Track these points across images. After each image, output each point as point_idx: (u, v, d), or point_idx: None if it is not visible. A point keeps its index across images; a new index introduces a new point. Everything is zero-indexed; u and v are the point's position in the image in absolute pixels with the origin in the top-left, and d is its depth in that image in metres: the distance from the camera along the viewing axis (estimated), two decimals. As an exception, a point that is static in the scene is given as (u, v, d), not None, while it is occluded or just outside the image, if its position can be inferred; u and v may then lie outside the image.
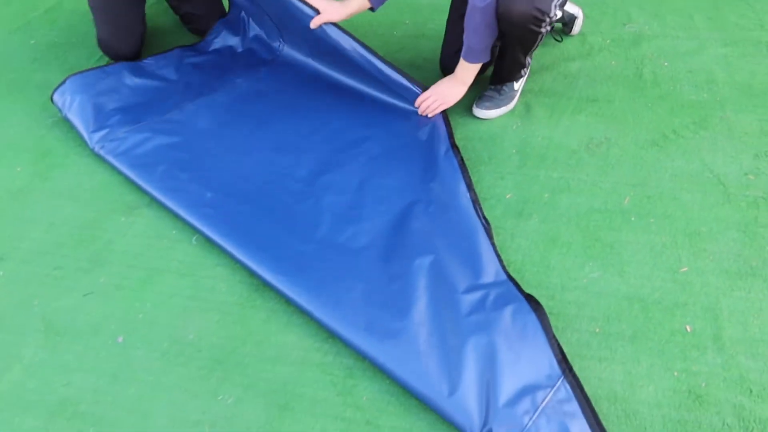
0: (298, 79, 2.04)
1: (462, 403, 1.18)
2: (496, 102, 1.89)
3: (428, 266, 1.42)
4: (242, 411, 1.27)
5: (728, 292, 1.41)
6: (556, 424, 1.14)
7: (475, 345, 1.26)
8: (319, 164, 1.72)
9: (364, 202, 1.60)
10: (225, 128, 1.85)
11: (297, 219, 1.57)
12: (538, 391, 1.19)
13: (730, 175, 1.68)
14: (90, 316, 1.46)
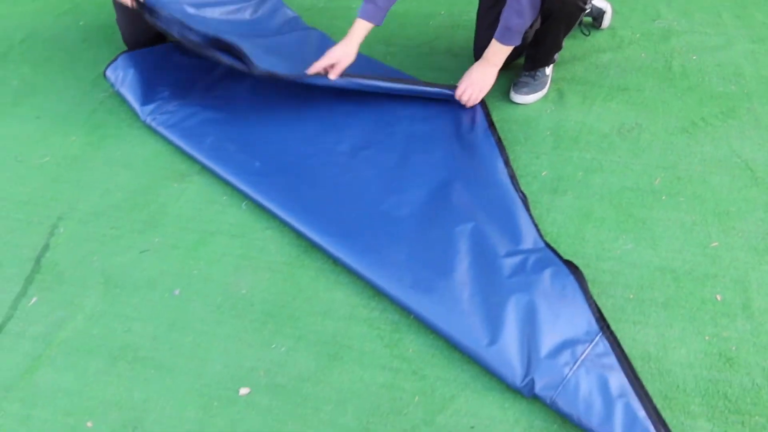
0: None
1: (503, 354, 1.25)
2: (533, 87, 1.94)
3: (469, 232, 1.49)
4: (294, 359, 1.34)
5: (757, 266, 1.47)
6: (595, 375, 1.21)
7: (515, 303, 1.33)
8: (360, 141, 1.79)
9: (403, 174, 1.68)
10: (268, 105, 1.93)
11: (340, 189, 1.65)
12: (577, 345, 1.25)
13: (757, 161, 1.75)
14: (147, 271, 1.54)
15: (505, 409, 1.24)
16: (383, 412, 1.25)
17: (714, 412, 1.21)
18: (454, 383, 1.28)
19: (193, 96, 1.99)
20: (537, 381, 1.21)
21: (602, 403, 1.17)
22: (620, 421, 1.14)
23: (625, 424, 1.14)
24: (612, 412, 1.16)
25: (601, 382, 1.20)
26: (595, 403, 1.17)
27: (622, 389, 1.19)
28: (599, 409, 1.16)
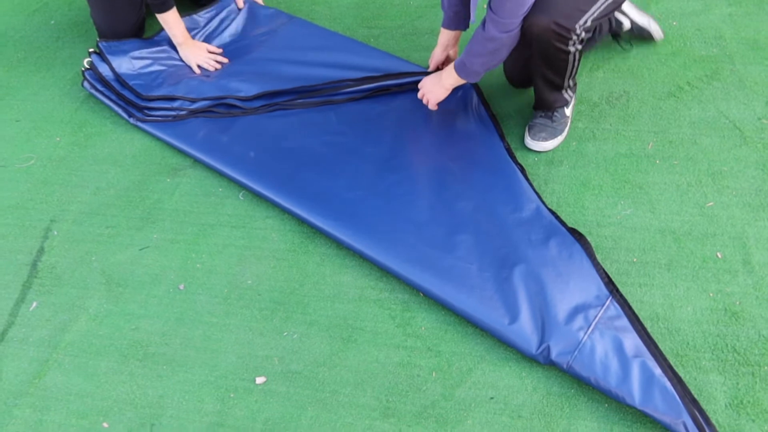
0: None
1: (519, 327, 1.26)
2: (551, 131, 1.72)
3: (472, 208, 1.50)
4: (308, 345, 1.34)
5: (753, 222, 1.50)
6: (609, 338, 1.23)
7: (525, 274, 1.34)
8: (351, 120, 1.78)
9: (399, 153, 1.68)
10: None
11: (338, 169, 1.64)
12: (589, 309, 1.27)
13: (744, 120, 1.77)
14: (149, 268, 1.52)
15: (522, 377, 1.25)
16: (402, 390, 1.25)
17: (725, 366, 1.24)
18: (469, 357, 1.29)
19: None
20: (552, 348, 1.22)
21: (618, 364, 1.19)
22: (638, 379, 1.17)
23: (642, 382, 1.16)
24: (629, 372, 1.18)
25: (615, 344, 1.22)
26: (612, 364, 1.19)
27: (637, 349, 1.21)
28: (616, 369, 1.18)
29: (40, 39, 2.36)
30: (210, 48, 2.06)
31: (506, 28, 1.44)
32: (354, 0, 2.37)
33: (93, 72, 1.96)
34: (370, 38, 2.19)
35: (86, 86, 1.96)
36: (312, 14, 2.31)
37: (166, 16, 1.96)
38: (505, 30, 1.44)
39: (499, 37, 1.45)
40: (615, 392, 1.17)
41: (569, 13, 1.46)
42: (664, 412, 1.14)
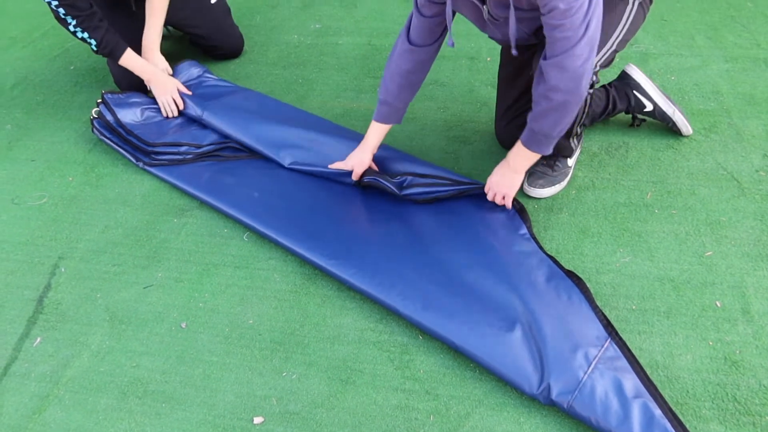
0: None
1: (518, 364, 1.26)
2: (550, 179, 1.71)
3: (469, 248, 1.52)
4: (306, 386, 1.34)
5: (752, 272, 1.51)
6: (609, 378, 1.23)
7: (524, 313, 1.35)
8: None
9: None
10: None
11: (341, 213, 1.68)
12: (589, 349, 1.28)
13: (742, 172, 1.81)
14: (152, 306, 1.54)
15: (520, 423, 1.24)
16: (399, 434, 1.25)
17: (725, 415, 1.23)
18: (467, 401, 1.29)
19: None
20: (553, 387, 1.23)
21: (619, 404, 1.19)
22: (638, 420, 1.16)
23: (642, 423, 1.16)
24: (629, 413, 1.18)
25: (615, 384, 1.22)
26: (612, 404, 1.19)
27: (637, 390, 1.21)
28: (616, 409, 1.18)
29: (59, 83, 2.45)
30: (179, 86, 2.10)
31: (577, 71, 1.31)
32: (361, 51, 2.46)
33: (101, 120, 2.02)
34: (376, 87, 2.26)
35: (95, 132, 2.03)
36: (320, 64, 2.39)
37: (123, 62, 2.04)
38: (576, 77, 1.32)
39: (574, 90, 1.33)
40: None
41: None
42: None
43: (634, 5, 1.53)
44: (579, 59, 1.30)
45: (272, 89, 2.28)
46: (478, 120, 2.07)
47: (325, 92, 2.27)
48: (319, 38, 2.59)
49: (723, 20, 2.51)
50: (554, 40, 1.30)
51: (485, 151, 1.93)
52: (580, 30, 1.27)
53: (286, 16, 2.76)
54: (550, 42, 1.32)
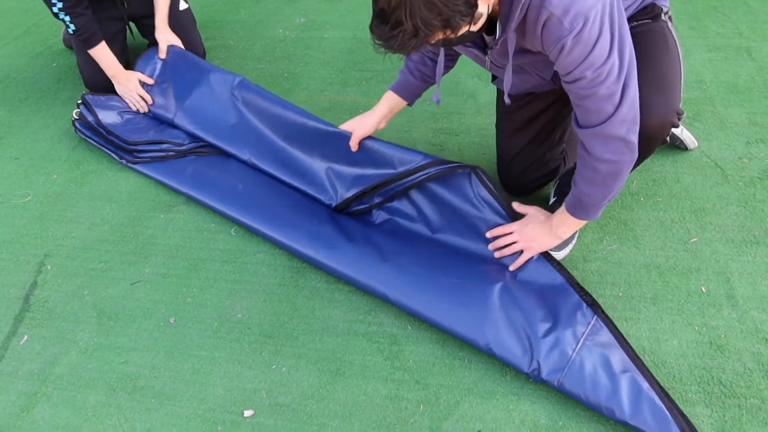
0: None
1: (510, 346, 1.28)
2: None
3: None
4: (296, 378, 1.34)
5: (736, 257, 1.53)
6: (597, 354, 1.25)
7: (510, 295, 1.37)
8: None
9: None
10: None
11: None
12: (576, 327, 1.30)
13: (726, 159, 1.82)
14: (140, 302, 1.53)
15: (510, 410, 1.25)
16: (389, 423, 1.25)
17: (711, 398, 1.25)
18: (457, 390, 1.30)
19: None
20: (543, 366, 1.24)
21: (608, 379, 1.21)
22: (627, 394, 1.18)
23: (631, 396, 1.18)
24: (618, 387, 1.20)
25: (603, 360, 1.24)
26: (601, 379, 1.21)
27: (624, 364, 1.23)
28: (605, 384, 1.20)
29: (42, 80, 2.42)
30: (141, 77, 2.07)
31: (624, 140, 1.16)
32: (346, 45, 2.46)
33: (82, 121, 2.01)
34: (362, 81, 2.26)
35: (78, 133, 2.03)
36: (306, 58, 2.39)
37: (94, 52, 2.03)
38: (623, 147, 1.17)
39: (622, 160, 1.18)
40: (605, 407, 1.18)
41: (676, 94, 1.25)
42: (653, 426, 1.15)
43: (668, 20, 1.38)
44: (622, 126, 1.14)
45: (258, 83, 2.26)
46: (464, 112, 2.08)
47: (311, 86, 2.26)
48: (304, 32, 2.58)
49: (706, 10, 2.53)
50: (587, 110, 1.15)
51: (472, 143, 1.94)
52: (615, 96, 1.11)
53: (271, 11, 2.75)
54: (581, 111, 1.16)
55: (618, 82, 1.10)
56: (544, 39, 1.09)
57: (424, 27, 0.94)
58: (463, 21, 0.96)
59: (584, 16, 1.02)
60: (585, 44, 1.05)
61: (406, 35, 0.95)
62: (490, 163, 1.84)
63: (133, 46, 2.33)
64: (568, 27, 1.04)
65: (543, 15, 1.04)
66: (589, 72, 1.08)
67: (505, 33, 1.10)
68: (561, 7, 1.03)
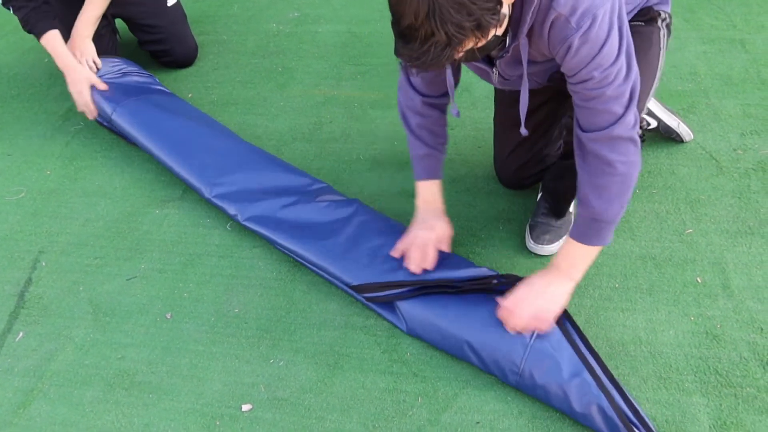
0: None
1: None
2: (556, 232, 1.54)
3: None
4: (294, 372, 1.34)
5: (731, 248, 1.53)
6: (546, 361, 1.22)
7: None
8: None
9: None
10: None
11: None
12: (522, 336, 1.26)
13: (721, 151, 1.83)
14: (136, 297, 1.53)
15: (508, 402, 1.26)
16: (388, 416, 1.25)
17: (707, 388, 1.26)
18: (455, 382, 1.30)
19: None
20: (498, 375, 1.25)
21: (557, 387, 1.19)
22: (576, 400, 1.17)
23: (580, 402, 1.17)
24: (568, 394, 1.18)
25: (551, 367, 1.20)
26: (552, 387, 1.19)
27: (575, 367, 1.20)
28: (556, 392, 1.19)
29: (34, 76, 2.40)
30: (94, 81, 1.93)
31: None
32: (340, 39, 2.45)
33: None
34: (357, 75, 2.25)
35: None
36: (300, 52, 2.38)
37: (44, 42, 1.93)
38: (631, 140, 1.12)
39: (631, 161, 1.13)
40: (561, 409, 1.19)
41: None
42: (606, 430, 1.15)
43: (663, 27, 1.34)
44: (629, 126, 1.11)
45: (251, 78, 2.27)
46: (459, 105, 2.07)
47: (305, 80, 2.25)
48: (298, 26, 2.57)
49: (699, 2, 2.53)
50: (593, 112, 1.11)
51: (467, 137, 1.94)
52: (624, 98, 1.08)
53: (264, 5, 2.73)
54: (586, 113, 1.12)
55: (626, 83, 1.08)
56: (551, 39, 1.07)
57: (457, 32, 0.90)
58: (492, 20, 0.92)
59: (592, 14, 1.00)
60: (593, 44, 1.03)
61: (439, 47, 0.91)
62: (486, 156, 1.84)
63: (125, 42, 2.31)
64: (575, 26, 1.01)
65: (551, 15, 1.02)
66: (597, 72, 1.05)
67: (516, 39, 1.08)
68: (569, 6, 1.01)
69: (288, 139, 1.98)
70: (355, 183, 1.79)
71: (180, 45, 2.29)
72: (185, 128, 1.82)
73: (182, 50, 2.30)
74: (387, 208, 1.68)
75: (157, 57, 2.33)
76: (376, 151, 1.90)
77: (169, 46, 2.27)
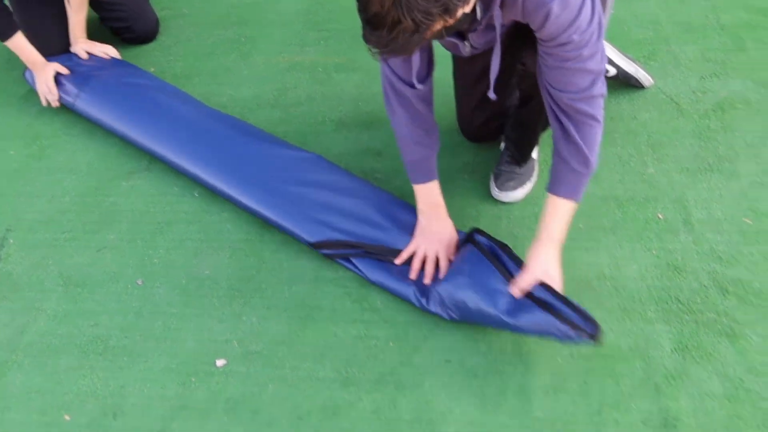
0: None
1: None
2: (519, 178, 1.55)
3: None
4: (267, 327, 1.36)
5: (691, 185, 1.57)
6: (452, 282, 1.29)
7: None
8: None
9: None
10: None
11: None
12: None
13: (681, 94, 1.86)
14: (107, 267, 1.53)
15: (477, 340, 1.29)
16: (360, 360, 1.28)
17: (669, 316, 1.29)
18: (424, 325, 1.32)
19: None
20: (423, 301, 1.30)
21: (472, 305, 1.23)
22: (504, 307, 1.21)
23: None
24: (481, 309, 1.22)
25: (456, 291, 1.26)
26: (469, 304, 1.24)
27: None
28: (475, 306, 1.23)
29: (-8, 60, 2.36)
30: (58, 68, 1.95)
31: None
32: (303, 6, 2.43)
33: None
34: (321, 40, 2.24)
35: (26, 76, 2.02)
36: (262, 21, 2.36)
37: (10, 45, 1.93)
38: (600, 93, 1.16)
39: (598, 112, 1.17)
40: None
41: None
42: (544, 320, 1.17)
43: None
44: (602, 84, 1.15)
45: (214, 49, 2.25)
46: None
47: (268, 49, 2.24)
48: (260, -4, 2.55)
49: (658, -48, 2.54)
50: (571, 72, 1.11)
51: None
52: (597, 55, 1.10)
53: (225, -22, 2.69)
54: (561, 73, 1.13)
55: (599, 41, 1.08)
56: (526, 7, 1.05)
57: (424, 18, 0.88)
58: (459, 3, 0.91)
59: None
60: (572, 7, 1.03)
61: (407, 33, 0.89)
62: (450, 111, 1.84)
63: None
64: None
65: None
66: (576, 35, 1.05)
67: (489, 11, 1.07)
68: None
69: (253, 106, 1.97)
70: (321, 144, 1.79)
71: (141, 20, 2.26)
72: (151, 103, 1.83)
73: (143, 26, 2.28)
74: (353, 166, 1.69)
75: (118, 33, 2.30)
76: (341, 113, 1.91)
77: (130, 23, 2.25)
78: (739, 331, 1.25)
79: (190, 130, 1.72)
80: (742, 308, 1.29)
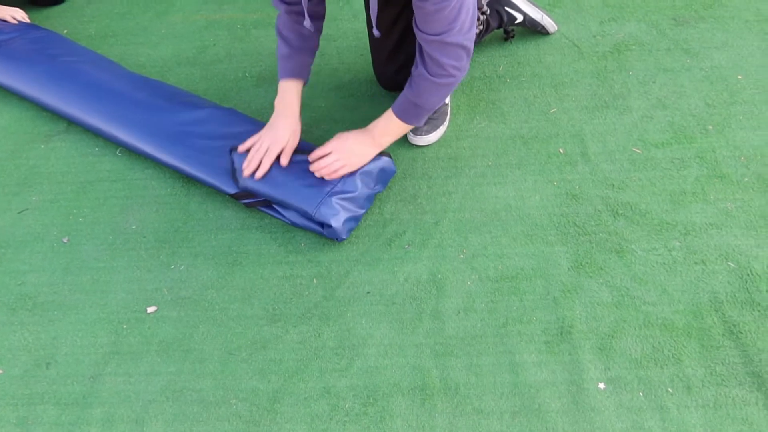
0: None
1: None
2: (433, 123, 1.64)
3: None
4: (195, 273, 1.41)
5: (589, 121, 1.69)
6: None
7: None
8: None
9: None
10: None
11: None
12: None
13: (582, 39, 1.98)
14: (30, 227, 1.54)
15: (394, 272, 1.38)
16: (286, 298, 1.35)
17: (567, 238, 1.42)
18: (346, 262, 1.41)
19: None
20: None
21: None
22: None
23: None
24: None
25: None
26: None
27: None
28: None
29: None
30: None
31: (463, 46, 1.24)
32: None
33: None
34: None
35: None
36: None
37: None
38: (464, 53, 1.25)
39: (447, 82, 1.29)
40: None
41: None
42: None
43: None
44: (461, 34, 1.22)
45: (129, 9, 2.22)
46: (340, 18, 2.12)
47: (186, 7, 2.22)
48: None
49: None
50: (431, 14, 1.17)
51: (350, 47, 1.99)
52: (456, 5, 1.16)
53: (136, -65, 2.63)
54: (422, 14, 1.19)
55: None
56: None
57: None
58: None
59: None
60: None
61: None
62: (368, 63, 1.91)
63: None
64: None
65: None
66: None
67: None
68: None
69: (172, 65, 1.97)
70: (242, 99, 1.83)
71: None
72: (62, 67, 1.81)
73: None
74: (274, 118, 1.73)
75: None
76: (261, 68, 1.94)
77: None
78: (626, 247, 1.40)
79: (100, 93, 1.72)
80: (630, 227, 1.43)
